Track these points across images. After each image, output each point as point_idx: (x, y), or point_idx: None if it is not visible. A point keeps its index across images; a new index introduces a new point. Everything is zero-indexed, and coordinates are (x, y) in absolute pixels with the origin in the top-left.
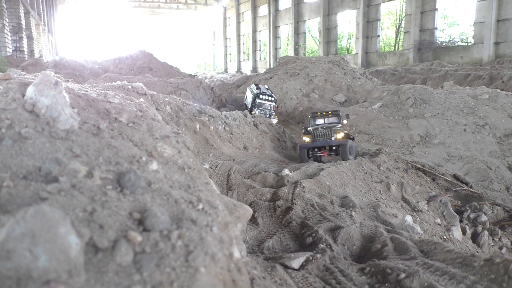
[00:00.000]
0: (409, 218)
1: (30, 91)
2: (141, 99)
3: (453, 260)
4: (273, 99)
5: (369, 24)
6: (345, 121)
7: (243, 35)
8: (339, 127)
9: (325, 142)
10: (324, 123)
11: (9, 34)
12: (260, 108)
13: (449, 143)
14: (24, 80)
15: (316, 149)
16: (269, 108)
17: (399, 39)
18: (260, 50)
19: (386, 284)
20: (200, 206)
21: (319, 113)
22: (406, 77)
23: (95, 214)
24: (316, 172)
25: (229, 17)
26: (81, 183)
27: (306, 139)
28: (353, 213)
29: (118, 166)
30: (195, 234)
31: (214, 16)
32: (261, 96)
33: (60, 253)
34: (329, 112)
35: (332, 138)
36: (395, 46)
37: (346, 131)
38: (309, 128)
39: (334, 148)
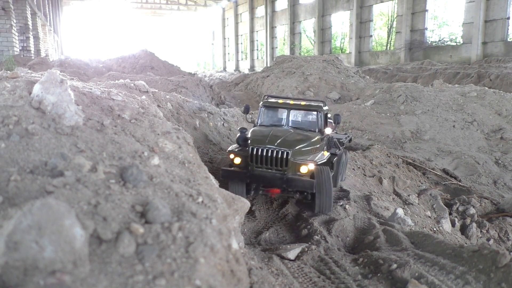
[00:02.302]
0: (400, 211)
1: (36, 89)
2: (143, 97)
3: (443, 251)
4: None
5: (362, 25)
6: (328, 130)
7: (241, 35)
8: (313, 140)
9: (274, 177)
10: (288, 125)
11: (17, 34)
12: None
13: (439, 138)
14: (30, 79)
15: (255, 182)
16: None
17: (391, 39)
18: (257, 50)
19: (379, 274)
20: (200, 199)
21: (281, 101)
22: (398, 76)
23: (99, 207)
24: None
25: (227, 18)
26: (86, 177)
27: (237, 159)
28: (347, 206)
29: (121, 161)
30: (195, 226)
31: (213, 17)
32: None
33: (66, 244)
34: (302, 104)
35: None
36: (387, 45)
37: (324, 152)
38: (250, 132)
39: (291, 190)
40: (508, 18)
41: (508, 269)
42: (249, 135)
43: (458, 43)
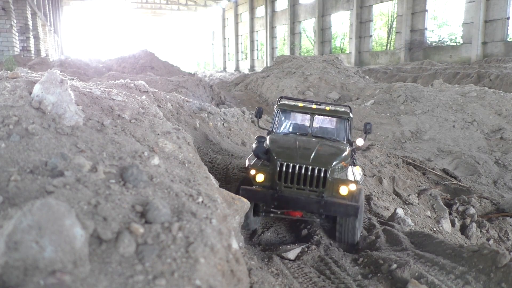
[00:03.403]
0: (400, 211)
1: (36, 89)
2: (143, 97)
3: (443, 251)
4: None
5: (362, 25)
6: (360, 141)
7: (241, 35)
8: (346, 154)
9: (309, 200)
10: (312, 133)
11: (17, 34)
12: None
13: (438, 138)
14: (31, 79)
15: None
16: None
17: (391, 39)
18: (257, 50)
19: (379, 274)
20: (200, 199)
21: (301, 104)
22: (398, 76)
23: (99, 207)
24: None
25: (227, 18)
26: (86, 177)
27: (259, 176)
28: None
29: (121, 161)
30: (195, 226)
31: (213, 17)
32: None
33: (66, 244)
34: (327, 109)
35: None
36: (387, 45)
37: (357, 168)
38: (269, 142)
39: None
40: (508, 18)
41: (508, 269)
42: (269, 146)
43: (458, 43)
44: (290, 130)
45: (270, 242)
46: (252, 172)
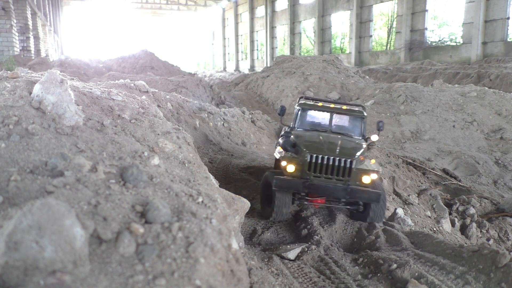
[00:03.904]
0: (400, 211)
1: (36, 89)
2: (143, 97)
3: (443, 251)
4: None
5: (362, 25)
6: (375, 137)
7: (241, 35)
8: (364, 148)
9: (336, 188)
10: (331, 130)
11: (17, 34)
12: None
13: (438, 138)
14: (31, 78)
15: (314, 193)
16: None
17: (391, 39)
18: (257, 50)
19: (379, 274)
20: (200, 199)
21: (320, 103)
22: (398, 76)
23: (99, 207)
24: None
25: (227, 18)
26: (86, 177)
27: (290, 167)
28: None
29: (121, 161)
30: (195, 226)
31: (213, 17)
32: None
33: (66, 244)
34: (343, 107)
35: (351, 182)
36: (387, 45)
37: (372, 161)
38: (293, 135)
39: (351, 202)
40: (508, 18)
41: (508, 269)
42: (295, 140)
43: (458, 43)
44: (312, 127)
45: (270, 242)
46: (283, 163)
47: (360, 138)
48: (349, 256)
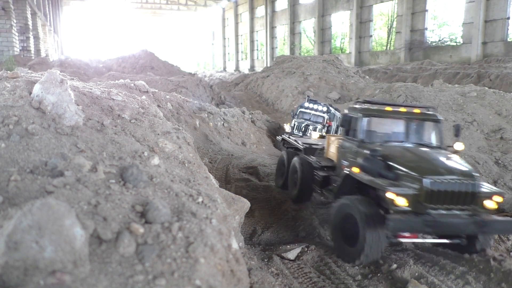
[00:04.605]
0: None
1: (36, 88)
2: (143, 97)
3: (443, 251)
4: (323, 110)
5: (362, 25)
6: (459, 146)
7: (241, 35)
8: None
9: (466, 222)
10: (408, 141)
11: (17, 34)
12: (300, 118)
13: None
14: (31, 78)
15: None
16: (312, 119)
17: (391, 39)
18: (257, 50)
19: (379, 274)
20: (200, 199)
21: (389, 107)
22: (398, 76)
23: (99, 207)
24: None
25: (227, 18)
26: (86, 177)
27: (401, 199)
28: None
29: (121, 161)
30: (195, 226)
31: (213, 17)
32: (306, 105)
33: (66, 244)
34: (416, 111)
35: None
36: (387, 45)
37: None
38: (371, 151)
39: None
40: (508, 18)
41: (508, 269)
42: (389, 161)
43: (458, 43)
44: (386, 139)
45: (270, 242)
46: (390, 196)
47: (444, 149)
48: None
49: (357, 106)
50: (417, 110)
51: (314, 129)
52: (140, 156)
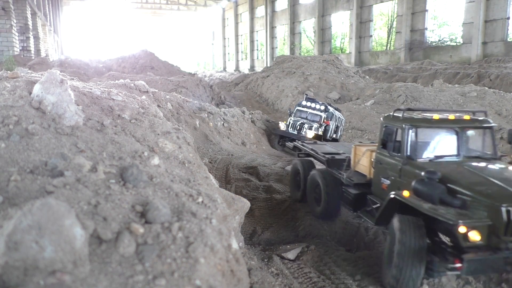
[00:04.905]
0: None
1: (36, 89)
2: (143, 97)
3: None
4: (321, 109)
5: (362, 25)
6: None
7: (241, 35)
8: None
9: None
10: (462, 155)
11: (17, 34)
12: (297, 117)
13: None
14: (31, 78)
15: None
16: (309, 118)
17: (391, 39)
18: (257, 50)
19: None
20: (200, 199)
21: (437, 116)
22: (398, 76)
23: (99, 207)
24: None
25: (227, 18)
26: (86, 177)
27: (474, 234)
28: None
29: (121, 161)
30: (195, 226)
31: (213, 17)
32: (303, 103)
33: (66, 244)
34: (466, 118)
35: None
36: (387, 45)
37: None
38: (429, 173)
39: None
40: (508, 18)
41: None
42: (454, 186)
43: (458, 43)
44: (434, 153)
45: (270, 242)
46: (462, 230)
47: (497, 158)
48: (349, 256)
49: (398, 114)
50: (467, 117)
51: (310, 128)
52: (140, 156)
